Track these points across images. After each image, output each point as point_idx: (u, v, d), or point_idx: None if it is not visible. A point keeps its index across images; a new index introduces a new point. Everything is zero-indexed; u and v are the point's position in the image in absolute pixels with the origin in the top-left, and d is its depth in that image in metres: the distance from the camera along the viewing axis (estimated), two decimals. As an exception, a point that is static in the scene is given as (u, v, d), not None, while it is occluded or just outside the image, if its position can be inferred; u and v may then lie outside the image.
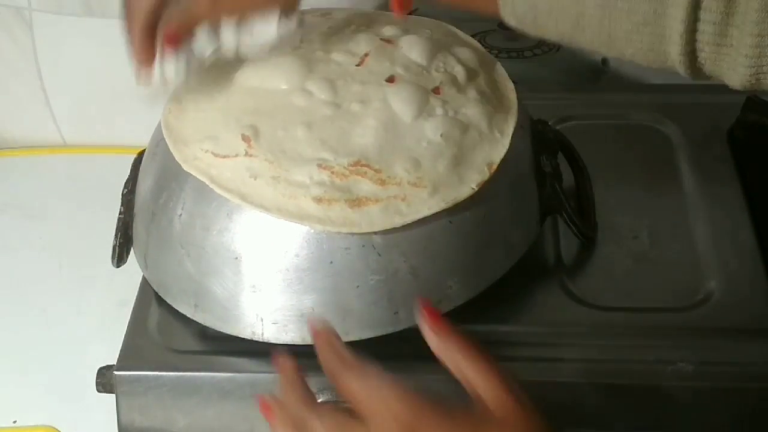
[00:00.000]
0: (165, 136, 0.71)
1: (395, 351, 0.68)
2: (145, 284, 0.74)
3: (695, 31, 0.56)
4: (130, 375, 0.69)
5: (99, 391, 0.70)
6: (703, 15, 0.55)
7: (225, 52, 0.70)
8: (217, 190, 0.67)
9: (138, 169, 0.77)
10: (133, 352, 0.70)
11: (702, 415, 0.68)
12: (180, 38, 0.67)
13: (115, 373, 0.69)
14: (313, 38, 0.73)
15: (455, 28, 0.79)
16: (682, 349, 0.68)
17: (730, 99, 0.85)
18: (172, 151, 0.69)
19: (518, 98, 0.75)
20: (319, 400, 0.67)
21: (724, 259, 0.74)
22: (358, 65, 0.71)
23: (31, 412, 0.85)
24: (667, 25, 0.56)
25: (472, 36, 0.85)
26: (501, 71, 0.76)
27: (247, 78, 0.71)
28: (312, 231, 0.65)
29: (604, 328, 0.70)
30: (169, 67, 0.68)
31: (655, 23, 0.57)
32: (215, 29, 0.68)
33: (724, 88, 0.62)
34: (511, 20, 0.62)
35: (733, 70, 0.56)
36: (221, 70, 0.72)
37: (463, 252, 0.67)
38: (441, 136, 0.67)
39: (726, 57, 0.56)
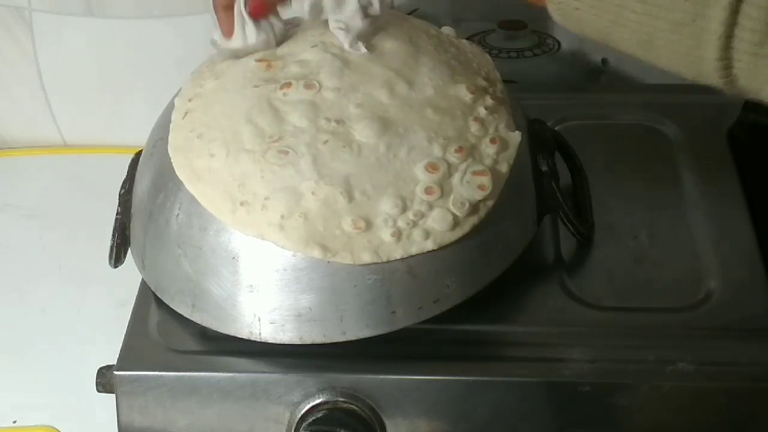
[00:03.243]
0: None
1: (391, 350, 0.68)
2: (145, 284, 0.74)
3: (732, 36, 0.53)
4: (130, 375, 0.69)
5: (99, 391, 0.70)
6: (743, 20, 0.52)
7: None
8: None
9: (135, 169, 0.77)
10: (133, 352, 0.70)
11: (702, 415, 0.68)
12: (263, 11, 0.72)
13: (115, 373, 0.69)
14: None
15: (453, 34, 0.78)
16: (682, 349, 0.68)
17: (730, 99, 0.85)
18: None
19: (515, 100, 0.75)
20: (318, 401, 0.67)
21: (724, 259, 0.74)
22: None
23: (31, 412, 0.85)
24: (704, 27, 0.53)
25: (472, 36, 0.85)
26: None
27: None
28: None
29: (604, 328, 0.70)
30: (251, 32, 0.73)
31: (693, 24, 0.53)
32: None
33: (724, 88, 0.62)
34: (556, 14, 0.61)
35: None
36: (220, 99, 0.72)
37: (460, 251, 0.66)
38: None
39: (764, 69, 0.53)
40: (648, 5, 0.55)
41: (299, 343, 0.66)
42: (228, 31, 0.73)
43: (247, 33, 0.73)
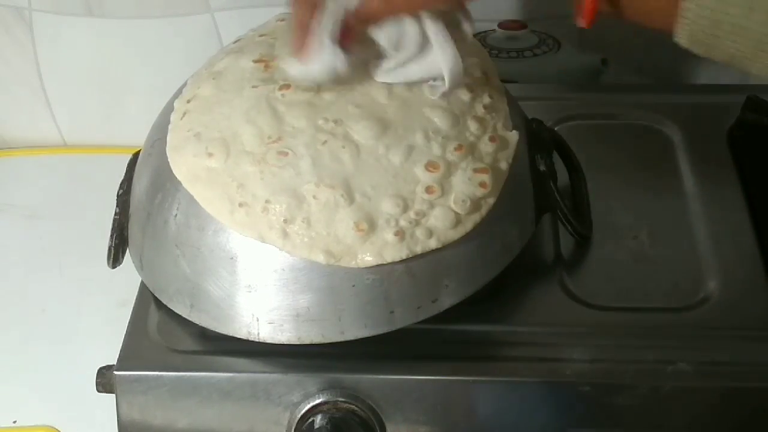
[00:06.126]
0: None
1: (391, 350, 0.68)
2: (144, 284, 0.74)
3: None
4: (130, 375, 0.69)
5: (99, 391, 0.70)
6: None
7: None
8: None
9: (133, 169, 0.77)
10: (133, 352, 0.70)
11: (702, 415, 0.68)
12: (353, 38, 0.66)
13: (115, 373, 0.69)
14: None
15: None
16: (682, 349, 0.68)
17: (730, 99, 0.85)
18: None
19: (512, 99, 0.75)
20: (318, 401, 0.67)
21: (724, 259, 0.74)
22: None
23: (31, 412, 0.85)
24: None
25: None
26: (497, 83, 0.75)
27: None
28: None
29: (604, 328, 0.70)
30: (340, 59, 0.66)
31: None
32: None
33: (724, 88, 0.62)
34: (682, 39, 0.59)
35: None
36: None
37: (459, 251, 0.66)
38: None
39: None
40: None
41: (298, 343, 0.66)
42: (301, 48, 0.65)
43: (334, 59, 0.65)
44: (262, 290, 0.66)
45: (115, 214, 0.76)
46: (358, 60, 0.68)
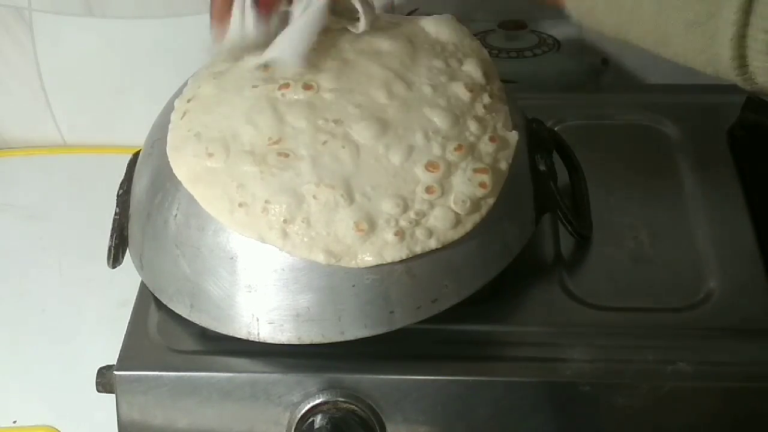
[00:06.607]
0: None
1: (391, 350, 0.68)
2: (144, 284, 0.74)
3: (746, 36, 0.52)
4: (130, 375, 0.69)
5: (99, 391, 0.70)
6: (755, 20, 0.51)
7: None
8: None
9: (133, 169, 0.77)
10: (133, 352, 0.70)
11: (702, 415, 0.68)
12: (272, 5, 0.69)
13: (115, 373, 0.69)
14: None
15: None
16: (682, 349, 0.68)
17: (730, 99, 0.85)
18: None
19: (512, 99, 0.75)
20: (318, 401, 0.68)
21: (724, 259, 0.74)
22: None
23: (31, 412, 0.84)
24: (718, 27, 0.53)
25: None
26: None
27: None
28: None
29: (604, 328, 0.70)
30: (249, 23, 0.70)
31: (706, 23, 0.53)
32: None
33: (724, 88, 0.62)
34: (573, 12, 0.62)
35: None
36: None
37: (459, 251, 0.66)
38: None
39: None
40: (662, 5, 0.56)
41: (297, 343, 0.66)
42: (221, 18, 0.69)
43: (246, 23, 0.70)
44: (262, 290, 0.66)
45: (115, 214, 0.76)
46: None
